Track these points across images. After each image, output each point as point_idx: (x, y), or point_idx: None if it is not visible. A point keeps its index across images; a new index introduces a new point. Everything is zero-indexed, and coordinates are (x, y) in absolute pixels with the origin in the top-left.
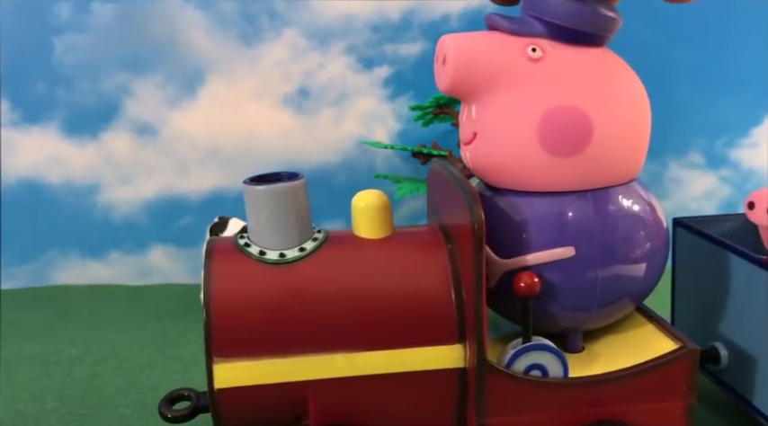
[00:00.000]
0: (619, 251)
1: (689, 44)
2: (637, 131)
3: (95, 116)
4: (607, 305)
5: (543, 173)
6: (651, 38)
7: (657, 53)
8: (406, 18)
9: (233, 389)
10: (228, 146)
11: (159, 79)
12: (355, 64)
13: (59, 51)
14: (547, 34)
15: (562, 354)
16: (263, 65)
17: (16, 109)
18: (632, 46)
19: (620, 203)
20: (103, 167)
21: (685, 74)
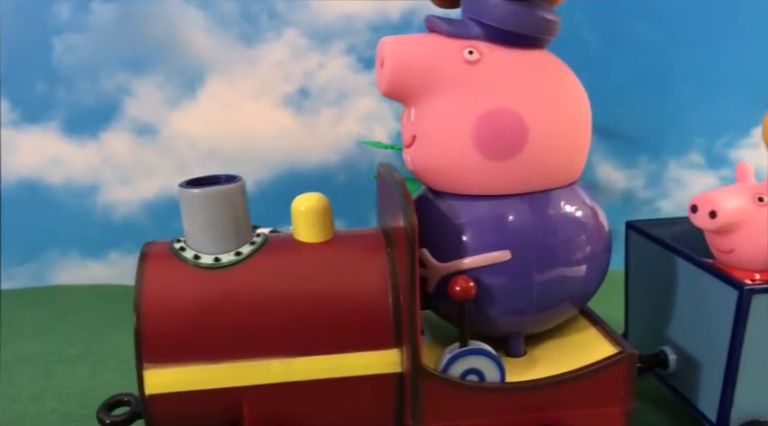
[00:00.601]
0: (557, 254)
1: (689, 44)
2: (574, 134)
3: (95, 116)
4: (546, 309)
5: (479, 176)
6: (651, 38)
7: (657, 53)
8: (406, 18)
9: (165, 395)
10: (228, 146)
11: (159, 79)
12: (355, 64)
13: (59, 51)
14: (484, 36)
15: (499, 359)
16: (263, 65)
17: (16, 109)
18: (632, 46)
19: (558, 206)
20: (103, 167)
21: (685, 74)
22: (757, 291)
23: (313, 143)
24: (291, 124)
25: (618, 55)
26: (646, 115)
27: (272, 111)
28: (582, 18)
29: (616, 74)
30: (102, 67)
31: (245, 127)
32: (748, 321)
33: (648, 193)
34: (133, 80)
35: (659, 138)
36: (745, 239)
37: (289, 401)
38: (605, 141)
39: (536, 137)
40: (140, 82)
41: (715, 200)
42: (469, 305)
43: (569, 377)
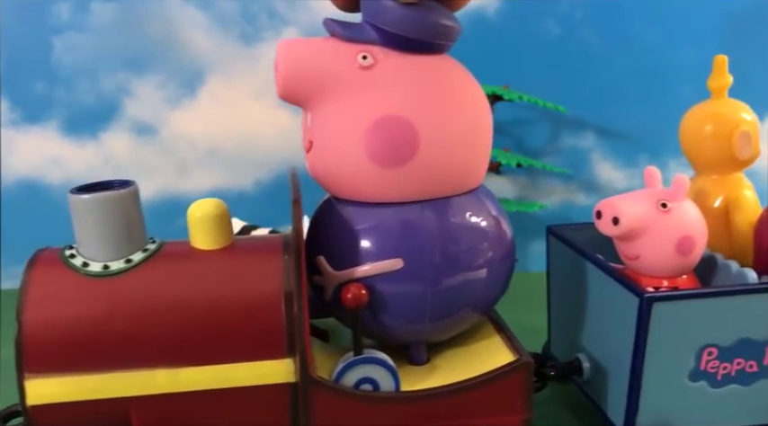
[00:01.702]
0: (452, 262)
1: (689, 44)
2: (470, 141)
3: (95, 116)
4: (444, 317)
5: (372, 183)
6: (651, 38)
7: (657, 53)
8: None
9: (48, 406)
10: (228, 146)
11: (159, 79)
12: None
13: (59, 51)
14: (380, 41)
15: (394, 367)
16: (263, 65)
17: (16, 109)
18: (632, 46)
19: (454, 214)
20: (103, 167)
21: (685, 74)
22: (658, 299)
23: None
24: (291, 124)
25: (618, 55)
26: (646, 115)
27: (272, 111)
28: (582, 18)
29: (616, 74)
30: (102, 67)
31: (245, 127)
32: (650, 328)
33: None
34: (133, 80)
35: (659, 138)
36: (649, 246)
37: (179, 412)
38: (605, 141)
39: (428, 145)
40: (140, 82)
41: (617, 207)
42: (364, 313)
43: (464, 386)
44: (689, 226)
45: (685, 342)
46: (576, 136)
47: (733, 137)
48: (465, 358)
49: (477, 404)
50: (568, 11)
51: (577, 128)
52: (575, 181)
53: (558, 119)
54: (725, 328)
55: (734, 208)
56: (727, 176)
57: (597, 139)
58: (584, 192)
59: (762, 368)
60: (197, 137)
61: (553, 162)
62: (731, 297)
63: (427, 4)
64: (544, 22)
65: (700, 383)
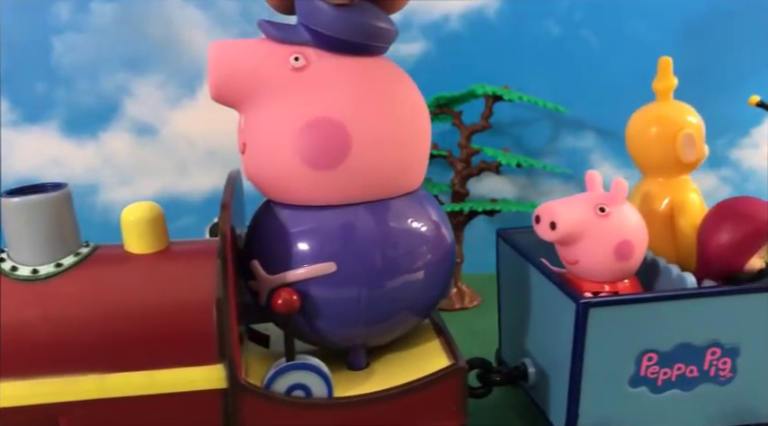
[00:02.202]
0: (388, 265)
1: (689, 44)
2: (405, 143)
3: (95, 116)
4: (381, 321)
5: (304, 186)
6: (651, 38)
7: (657, 53)
8: (407, 18)
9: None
10: (228, 146)
11: (159, 79)
12: None
13: (59, 51)
14: (314, 43)
15: (326, 373)
16: None
17: (16, 109)
18: (632, 46)
19: (390, 216)
20: (103, 167)
21: (685, 74)
22: (594, 304)
23: None
24: None
25: (618, 55)
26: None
27: None
28: (582, 18)
29: (616, 74)
30: (102, 67)
31: None
32: (587, 334)
33: None
34: (133, 80)
35: None
36: (588, 250)
37: (109, 418)
38: (605, 141)
39: (360, 147)
40: (140, 82)
41: (554, 211)
42: (298, 317)
43: (397, 392)
44: (628, 231)
45: (624, 348)
46: (576, 136)
47: (677, 139)
48: (403, 362)
49: (411, 410)
50: (568, 11)
51: (577, 128)
52: (575, 182)
53: (558, 119)
54: (664, 333)
55: (678, 212)
56: (674, 179)
57: (597, 139)
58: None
59: (702, 373)
60: (197, 137)
61: (553, 162)
62: (669, 302)
63: (361, 5)
64: (544, 22)
65: (640, 388)
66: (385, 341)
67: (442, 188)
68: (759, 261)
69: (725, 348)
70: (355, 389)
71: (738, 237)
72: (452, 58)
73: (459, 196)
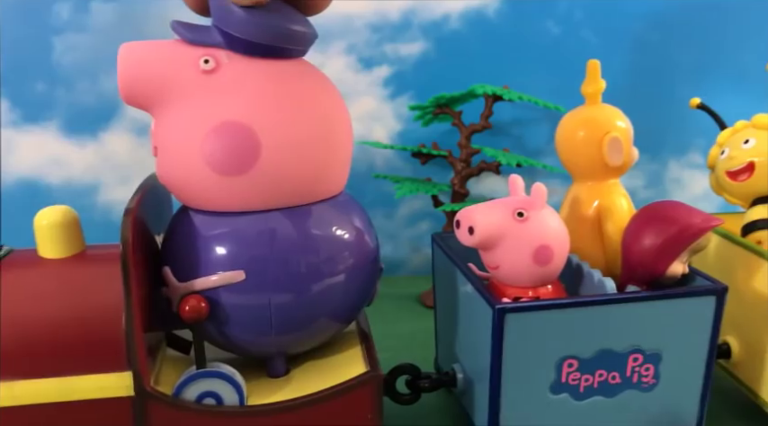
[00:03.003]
0: (299, 273)
1: (689, 44)
2: (321, 148)
3: (95, 116)
4: (295, 329)
5: (213, 192)
6: (651, 38)
7: (657, 53)
8: (407, 18)
9: None
10: None
11: None
12: (355, 64)
13: (59, 51)
14: (225, 45)
15: (237, 381)
16: None
17: (16, 109)
18: (632, 46)
19: (304, 222)
20: (103, 167)
21: (685, 74)
22: (510, 310)
23: None
24: None
25: (618, 55)
26: (646, 115)
27: None
28: (582, 18)
29: (616, 74)
30: (102, 67)
31: None
32: (505, 340)
33: (648, 193)
34: None
35: (659, 138)
36: (507, 255)
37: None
38: None
39: (270, 152)
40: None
41: (472, 216)
42: (208, 325)
43: (309, 400)
44: (546, 235)
45: (544, 354)
46: None
47: (603, 143)
48: (323, 370)
49: (324, 418)
50: (568, 11)
51: None
52: None
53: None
54: (584, 339)
55: (605, 216)
56: (602, 183)
57: None
58: None
59: (625, 379)
60: None
61: (553, 162)
62: (588, 307)
63: (276, 7)
64: (544, 22)
65: (562, 395)
66: (305, 349)
67: (442, 188)
68: (681, 266)
69: (647, 354)
70: (271, 397)
71: (659, 242)
72: (452, 58)
73: (459, 196)
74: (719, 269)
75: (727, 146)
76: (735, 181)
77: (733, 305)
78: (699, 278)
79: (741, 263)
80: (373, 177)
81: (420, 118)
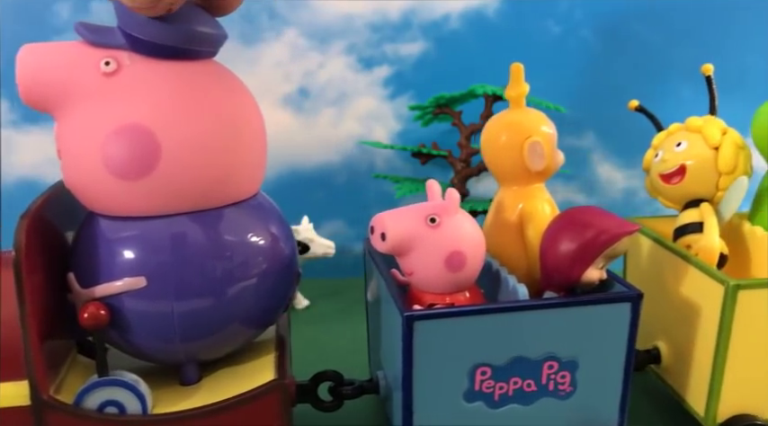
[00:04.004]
0: (208, 279)
1: (689, 44)
2: (228, 151)
3: None
4: (203, 336)
5: (115, 196)
6: (651, 38)
7: (657, 53)
8: (407, 18)
9: None
10: None
11: None
12: (355, 64)
13: None
14: (128, 47)
15: (139, 390)
16: (263, 65)
17: (16, 109)
18: (632, 46)
19: (210, 227)
20: None
21: (685, 74)
22: (418, 317)
23: (313, 143)
24: (291, 124)
25: (618, 55)
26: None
27: (272, 111)
28: (582, 18)
29: (616, 74)
30: None
31: None
32: (414, 347)
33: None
34: None
35: None
36: (420, 261)
37: None
38: (605, 141)
39: (171, 156)
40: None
41: (384, 222)
42: (111, 332)
43: (212, 409)
44: (459, 241)
45: (455, 362)
46: (576, 136)
47: (524, 147)
48: (234, 377)
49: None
50: (568, 11)
51: (577, 128)
52: (575, 182)
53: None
54: (497, 347)
55: (526, 221)
56: (526, 188)
57: (597, 139)
58: (584, 192)
59: (541, 387)
60: None
61: None
62: (499, 314)
63: (184, 8)
64: (544, 22)
65: (476, 403)
66: (217, 356)
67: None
68: (596, 272)
69: (562, 361)
70: (179, 405)
71: (573, 247)
72: (452, 58)
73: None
74: (651, 273)
75: (661, 148)
76: (667, 184)
77: (664, 309)
78: (617, 284)
79: (670, 268)
80: (373, 177)
81: (420, 118)
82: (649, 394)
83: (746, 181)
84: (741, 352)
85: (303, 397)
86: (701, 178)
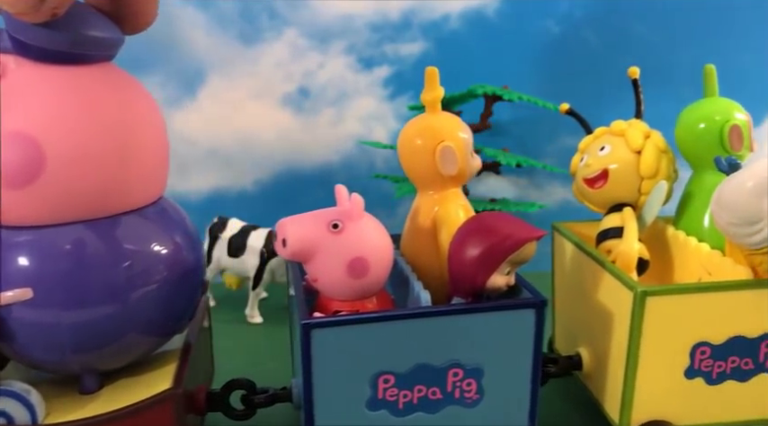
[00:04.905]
0: (99, 289)
1: (689, 44)
2: (120, 157)
3: None
4: (97, 347)
5: (1, 205)
6: (651, 38)
7: (657, 53)
8: (406, 18)
9: None
10: (228, 146)
11: (159, 79)
12: (355, 64)
13: None
14: (15, 50)
15: (27, 399)
16: (263, 65)
17: None
18: (632, 46)
19: (102, 236)
20: None
21: (685, 74)
22: (314, 325)
23: (313, 143)
24: (291, 124)
25: (618, 55)
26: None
27: (272, 111)
28: (582, 18)
29: (616, 74)
30: None
31: (245, 127)
32: (313, 355)
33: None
34: None
35: None
36: (322, 267)
37: None
38: None
39: (58, 164)
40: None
41: (285, 228)
42: (2, 343)
43: (104, 419)
44: (362, 247)
45: (356, 369)
46: (576, 136)
47: (436, 152)
48: (133, 386)
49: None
50: (568, 11)
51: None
52: None
53: (558, 119)
54: (399, 354)
55: (439, 226)
56: (442, 192)
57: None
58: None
59: (446, 395)
60: (197, 137)
61: (553, 162)
62: (401, 321)
63: (73, 11)
64: (544, 22)
65: (380, 412)
66: (117, 366)
67: None
68: (502, 278)
69: (467, 369)
70: (74, 414)
71: (477, 253)
72: (452, 58)
73: None
74: (574, 279)
75: (587, 152)
76: (591, 188)
77: (585, 315)
78: (525, 290)
79: (589, 273)
80: (373, 177)
81: None
82: (573, 400)
83: (666, 186)
84: (652, 359)
85: (214, 406)
86: (623, 182)
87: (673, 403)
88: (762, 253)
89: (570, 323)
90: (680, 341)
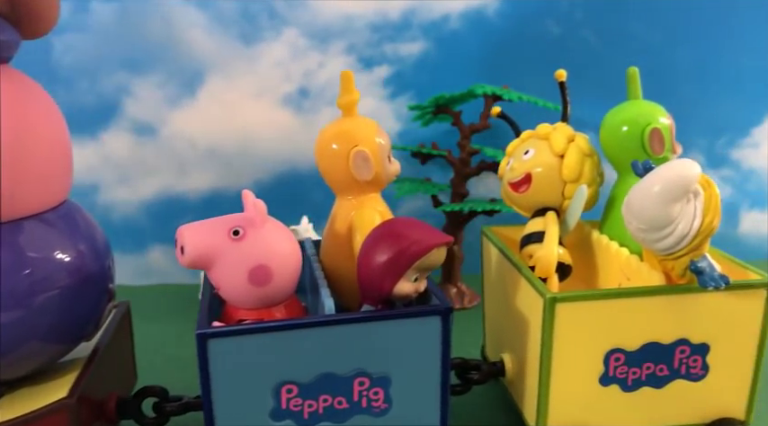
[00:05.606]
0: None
1: (689, 44)
2: (10, 162)
3: (95, 116)
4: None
5: None
6: (651, 38)
7: (657, 53)
8: (406, 18)
9: None
10: (228, 146)
11: (159, 79)
12: (355, 64)
13: (58, 51)
14: None
15: None
16: (263, 65)
17: None
18: (632, 46)
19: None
20: (103, 167)
21: (685, 74)
22: (211, 335)
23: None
24: (291, 124)
25: (618, 55)
26: None
27: (272, 111)
28: (582, 18)
29: (616, 74)
30: (102, 67)
31: (244, 127)
32: (211, 367)
33: None
34: (133, 80)
35: None
36: (223, 276)
37: None
38: None
39: None
40: (140, 82)
41: (183, 235)
42: None
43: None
44: (264, 255)
45: (258, 380)
46: None
47: (349, 156)
48: (33, 395)
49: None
50: (568, 11)
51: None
52: None
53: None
54: (302, 363)
55: (354, 231)
56: (359, 197)
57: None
58: None
59: (353, 404)
60: (197, 137)
61: None
62: (302, 330)
63: None
64: (544, 22)
65: (285, 422)
66: (18, 374)
67: (441, 188)
68: (410, 285)
69: (374, 377)
70: None
71: (383, 260)
72: (452, 58)
73: (458, 196)
74: (499, 284)
75: (513, 156)
76: (516, 192)
77: (507, 321)
78: (434, 297)
79: (510, 278)
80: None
81: (420, 118)
82: (499, 408)
83: (586, 190)
84: (566, 365)
85: (126, 413)
86: (546, 186)
87: (589, 410)
88: (672, 259)
89: (497, 329)
90: (593, 348)
